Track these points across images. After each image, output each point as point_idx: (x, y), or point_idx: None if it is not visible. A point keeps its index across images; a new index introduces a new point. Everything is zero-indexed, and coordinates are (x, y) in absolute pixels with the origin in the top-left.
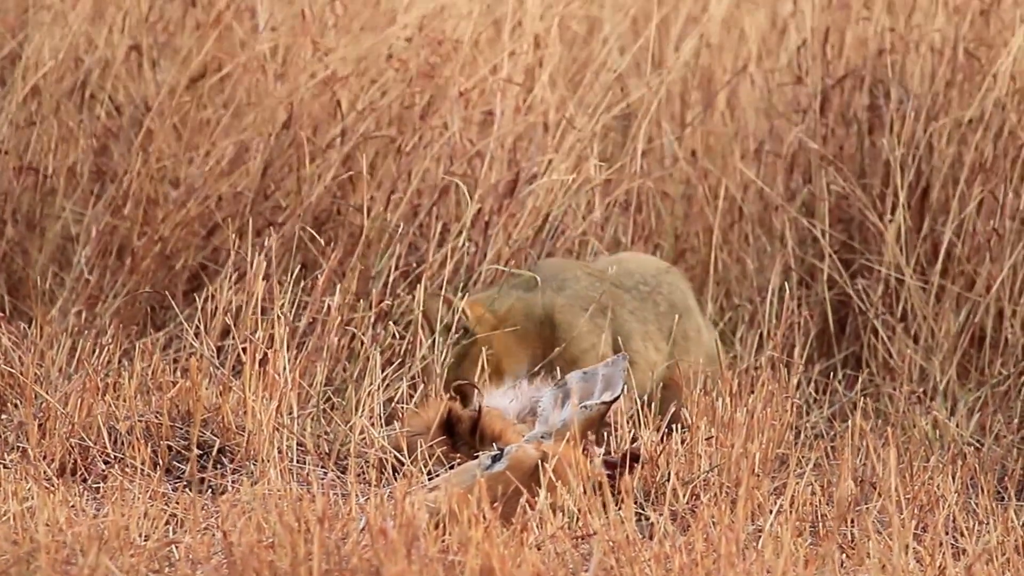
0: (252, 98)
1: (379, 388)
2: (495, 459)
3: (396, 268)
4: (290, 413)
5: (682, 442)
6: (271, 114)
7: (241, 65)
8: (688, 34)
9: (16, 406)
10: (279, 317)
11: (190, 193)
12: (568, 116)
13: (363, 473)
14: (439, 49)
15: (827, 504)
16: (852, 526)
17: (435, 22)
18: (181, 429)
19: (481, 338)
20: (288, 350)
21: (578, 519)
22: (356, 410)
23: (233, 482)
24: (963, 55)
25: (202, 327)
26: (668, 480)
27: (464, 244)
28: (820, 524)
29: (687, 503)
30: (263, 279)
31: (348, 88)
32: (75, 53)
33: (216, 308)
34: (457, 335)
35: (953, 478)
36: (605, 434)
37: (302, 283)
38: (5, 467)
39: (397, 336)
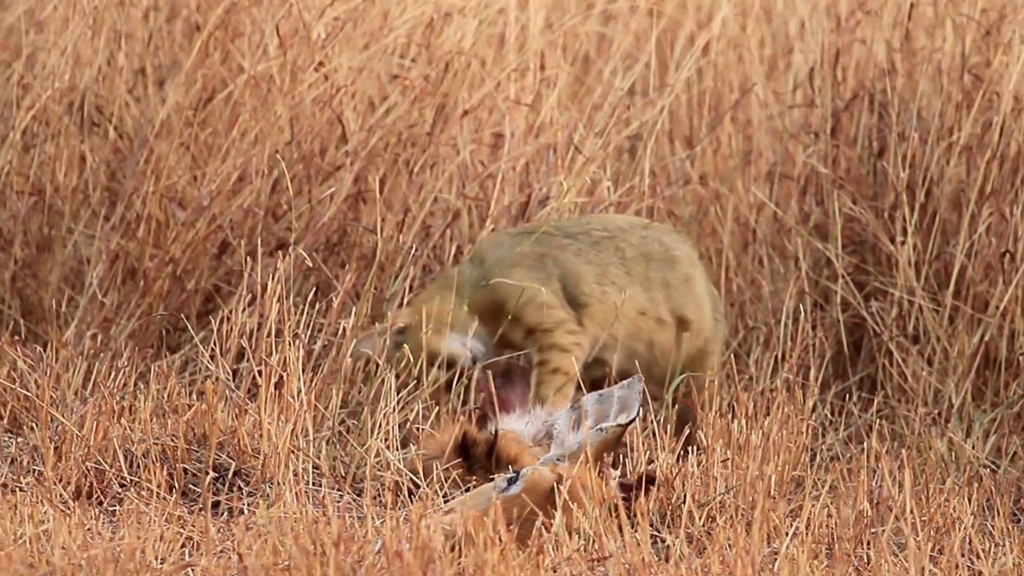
0: (257, 116)
1: (394, 410)
2: (511, 482)
3: (410, 290)
4: (305, 436)
5: (698, 464)
6: (277, 131)
7: (244, 83)
8: (692, 52)
9: (32, 429)
10: (294, 340)
11: (199, 213)
12: (577, 138)
13: (379, 496)
14: (441, 62)
15: (843, 526)
16: (868, 548)
17: (439, 39)
18: (197, 452)
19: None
20: (303, 373)
21: (594, 541)
22: (372, 433)
23: (249, 505)
24: (967, 76)
25: (217, 350)
26: (684, 502)
27: None
28: (836, 546)
29: (703, 525)
30: (277, 301)
31: (353, 108)
32: (75, 74)
33: (231, 330)
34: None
35: (969, 500)
36: (621, 456)
37: (317, 305)
38: (21, 490)
39: (412, 359)
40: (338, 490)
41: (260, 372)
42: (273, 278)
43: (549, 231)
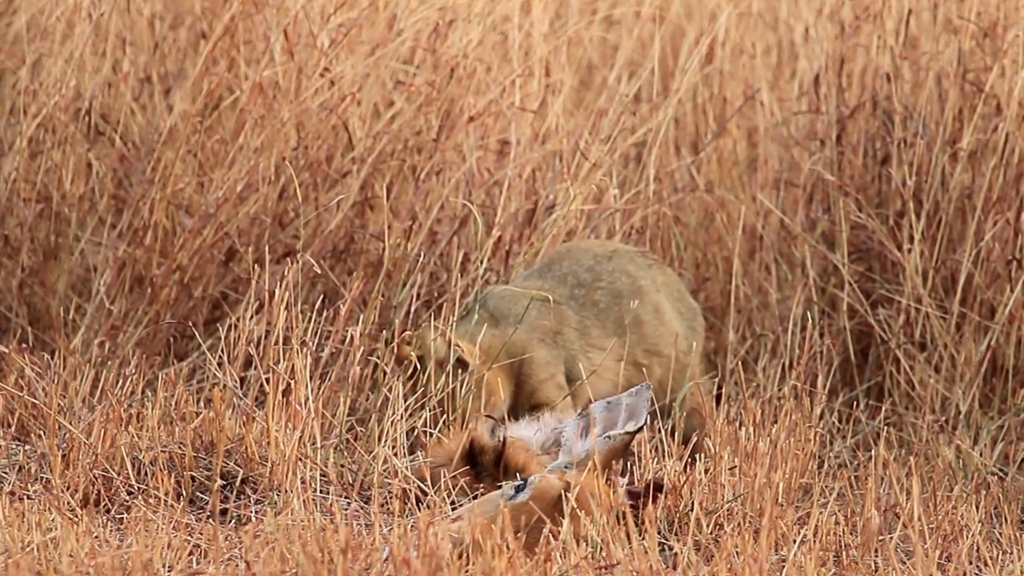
0: (263, 123)
1: (402, 418)
2: (518, 489)
3: (418, 298)
4: (313, 443)
5: (705, 472)
6: (283, 138)
7: (250, 90)
8: (696, 58)
9: (39, 437)
10: (301, 347)
11: (206, 220)
12: (583, 145)
13: (386, 503)
14: (446, 67)
15: (851, 534)
16: (876, 556)
17: (445, 44)
18: (204, 460)
19: (476, 374)
20: (311, 380)
21: (602, 549)
22: (379, 440)
23: (256, 512)
24: (966, 82)
25: (225, 357)
26: (692, 510)
27: (485, 273)
28: (844, 554)
29: (711, 533)
30: (284, 308)
31: (357, 113)
32: (81, 82)
33: (238, 337)
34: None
35: (977, 507)
36: (628, 464)
37: (324, 313)
38: (29, 498)
39: (419, 366)
40: (346, 498)
41: (268, 380)
42: (280, 285)
43: (557, 299)
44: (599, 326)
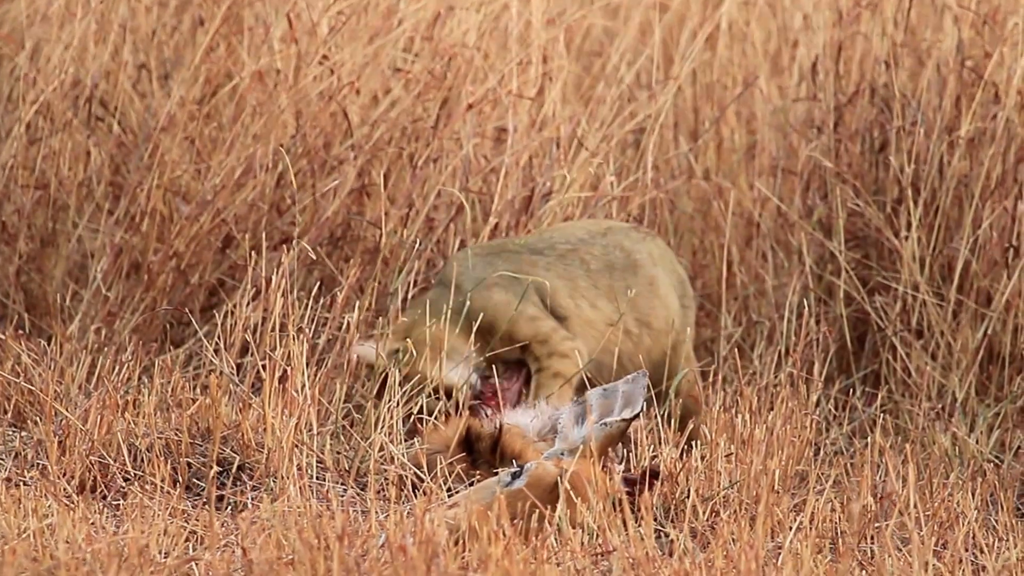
0: (261, 110)
1: (398, 404)
2: (515, 476)
3: (414, 284)
4: (309, 430)
5: (702, 459)
6: (281, 125)
7: (249, 77)
8: (696, 45)
9: (36, 423)
10: (298, 334)
11: (203, 207)
12: (580, 132)
13: (383, 490)
14: (445, 55)
15: (847, 521)
16: (872, 543)
17: (443, 31)
18: (201, 446)
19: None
20: (307, 367)
21: (598, 536)
22: (375, 427)
23: (253, 499)
24: (967, 70)
25: (221, 344)
26: (688, 497)
27: None
28: (839, 541)
29: (707, 520)
30: (281, 295)
31: (357, 102)
32: (80, 68)
33: (235, 324)
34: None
35: (973, 495)
36: (625, 451)
37: (321, 300)
38: (25, 484)
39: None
40: (342, 484)
41: (264, 366)
42: (277, 272)
43: (515, 249)
44: (587, 279)
